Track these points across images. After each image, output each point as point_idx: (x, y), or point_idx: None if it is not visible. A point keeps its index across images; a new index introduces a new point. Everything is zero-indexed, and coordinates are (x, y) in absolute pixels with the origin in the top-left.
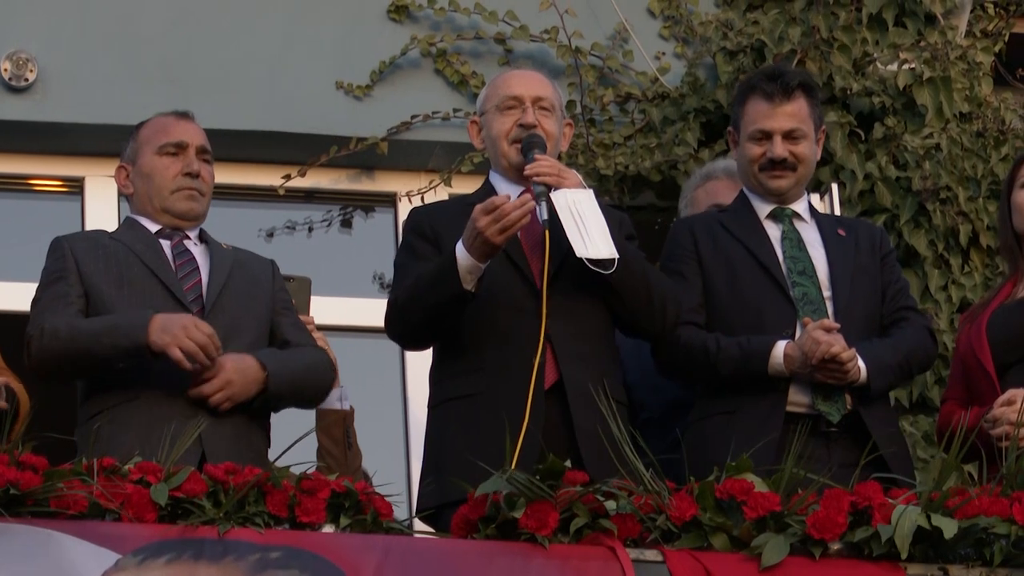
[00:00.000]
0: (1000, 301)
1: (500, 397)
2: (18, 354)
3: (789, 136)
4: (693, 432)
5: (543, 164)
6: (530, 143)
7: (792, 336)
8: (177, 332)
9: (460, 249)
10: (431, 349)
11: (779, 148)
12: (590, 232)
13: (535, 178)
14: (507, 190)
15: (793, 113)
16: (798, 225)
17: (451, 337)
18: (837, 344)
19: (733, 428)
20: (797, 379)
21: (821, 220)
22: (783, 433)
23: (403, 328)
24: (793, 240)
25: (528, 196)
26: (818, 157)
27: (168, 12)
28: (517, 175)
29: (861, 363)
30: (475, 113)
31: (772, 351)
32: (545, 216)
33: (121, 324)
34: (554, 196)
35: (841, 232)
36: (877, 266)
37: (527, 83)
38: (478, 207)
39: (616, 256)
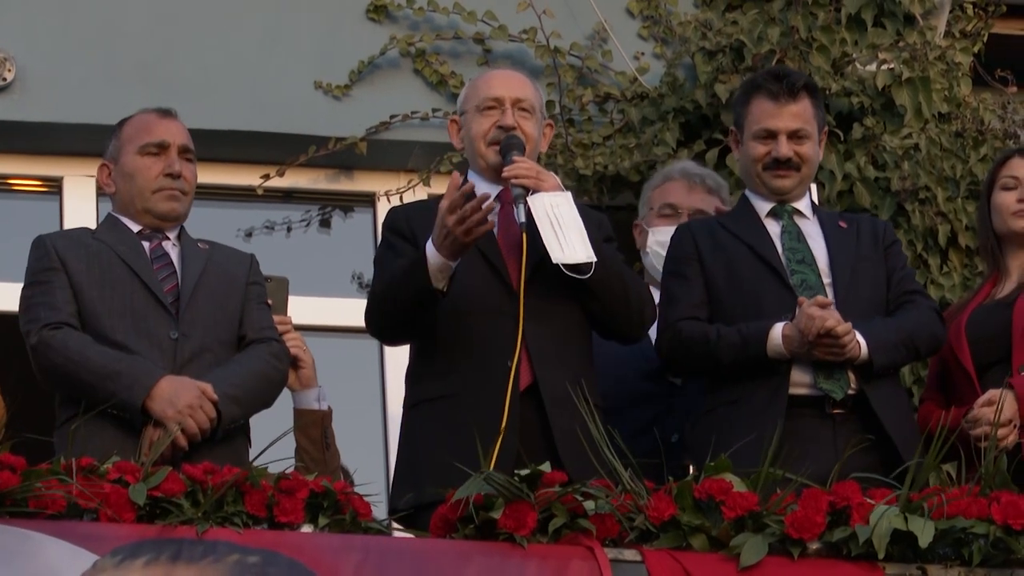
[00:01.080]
0: (979, 302)
1: (476, 399)
2: None
3: (794, 136)
4: (700, 425)
5: (521, 166)
6: (509, 145)
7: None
8: (183, 409)
9: (430, 247)
10: (409, 349)
11: (784, 148)
12: (567, 235)
13: (513, 180)
14: (485, 190)
15: (798, 113)
16: (798, 220)
17: (428, 336)
18: (832, 318)
19: (738, 417)
20: (798, 361)
21: (822, 215)
22: (788, 418)
23: (381, 322)
24: (792, 233)
25: (487, 195)
26: (820, 158)
27: (148, 12)
28: (495, 176)
29: (861, 339)
30: (455, 112)
31: (770, 333)
32: (523, 219)
33: (125, 375)
34: (531, 200)
35: (842, 224)
36: (880, 255)
37: (507, 84)
38: (443, 205)
39: (594, 259)
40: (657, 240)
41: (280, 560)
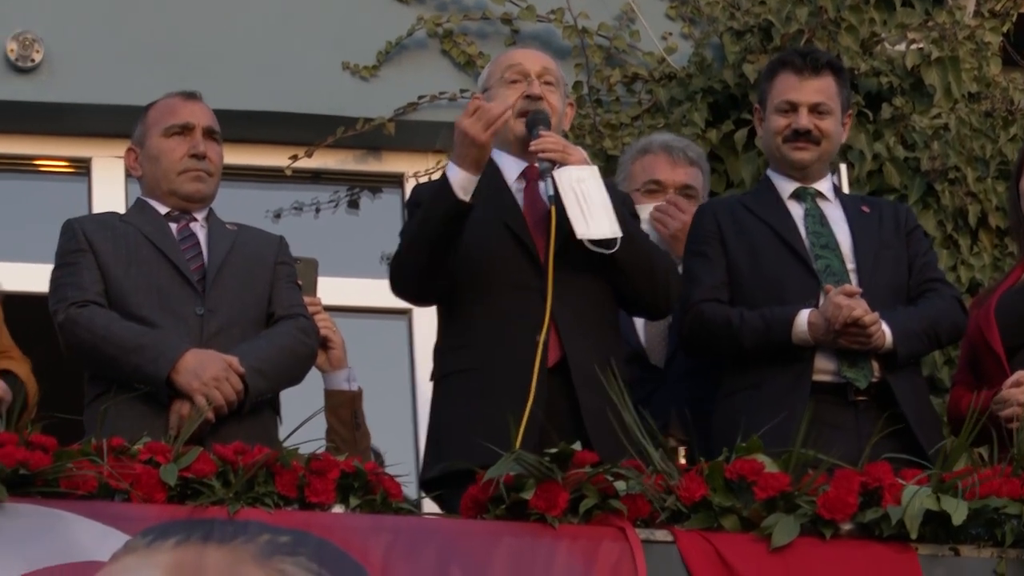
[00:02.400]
0: (1009, 284)
1: (503, 373)
2: (26, 334)
3: (815, 110)
4: (721, 409)
5: (548, 140)
6: (535, 119)
7: (816, 307)
8: (208, 381)
9: (451, 166)
10: (436, 326)
11: (804, 119)
12: (593, 210)
13: (540, 154)
14: (510, 165)
15: (821, 88)
16: (821, 204)
17: (450, 292)
18: (859, 307)
19: (760, 401)
20: (822, 348)
21: (845, 199)
22: (810, 403)
23: (408, 270)
24: (816, 217)
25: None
26: (843, 139)
27: None
28: (521, 149)
29: (886, 328)
30: (479, 91)
31: (795, 319)
32: (551, 192)
33: (149, 347)
34: (557, 174)
35: (865, 209)
36: (902, 241)
37: (532, 57)
38: (461, 115)
39: (619, 235)
40: (643, 217)
41: (311, 540)
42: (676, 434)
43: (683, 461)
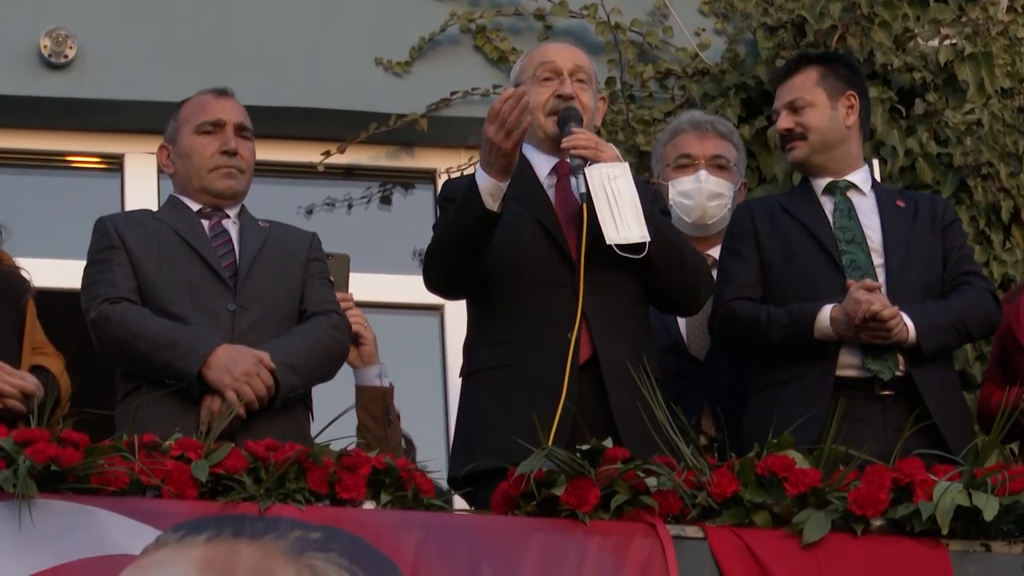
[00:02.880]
0: None
1: (533, 370)
2: (59, 330)
3: (791, 107)
4: (751, 406)
5: (580, 137)
6: (567, 116)
7: (840, 303)
8: (239, 376)
9: (479, 172)
10: (467, 322)
11: (781, 121)
12: (623, 211)
13: (572, 151)
14: (541, 162)
15: (794, 86)
16: (854, 196)
17: (483, 287)
18: (878, 302)
19: (788, 397)
20: (847, 343)
21: (880, 192)
22: (836, 399)
23: (439, 266)
24: (844, 211)
25: (520, 91)
26: (849, 122)
27: None
28: (553, 147)
29: (908, 322)
30: (512, 85)
31: (818, 314)
32: (583, 190)
33: (181, 343)
34: (589, 172)
35: (900, 203)
36: (938, 236)
37: (565, 54)
38: (486, 122)
39: (648, 239)
40: (679, 191)
41: (342, 536)
42: (707, 429)
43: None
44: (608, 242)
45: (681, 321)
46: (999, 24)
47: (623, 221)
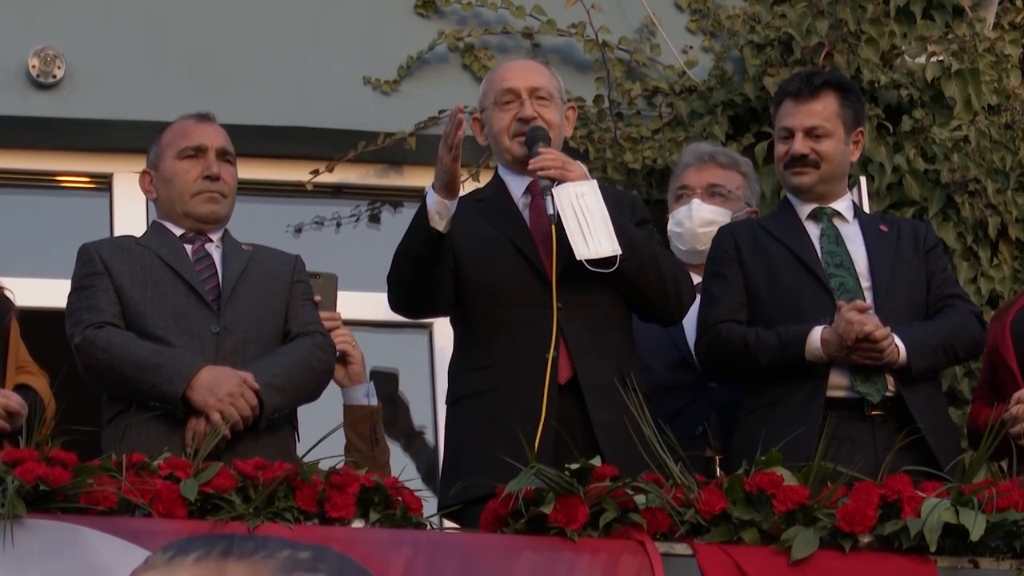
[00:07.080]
0: None
1: (517, 393)
2: (47, 350)
3: (810, 133)
4: (741, 428)
5: (546, 158)
6: (534, 137)
7: (830, 324)
8: (223, 397)
9: (429, 192)
10: (453, 344)
11: (798, 144)
12: (593, 227)
13: (539, 172)
14: (515, 183)
15: (817, 111)
16: (838, 223)
17: (444, 304)
18: (870, 323)
19: (777, 419)
20: (837, 364)
21: (863, 218)
22: (826, 420)
23: (397, 286)
24: (831, 236)
25: (455, 108)
26: (854, 158)
27: (195, 7)
28: (523, 169)
29: (899, 343)
30: (477, 111)
31: (809, 336)
32: (552, 211)
33: (165, 365)
34: (556, 192)
35: (883, 228)
36: (921, 259)
37: (521, 75)
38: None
39: (619, 252)
40: (674, 221)
41: (331, 555)
42: (714, 444)
43: (720, 471)
44: (579, 258)
45: (690, 336)
46: (986, 41)
47: (593, 237)
